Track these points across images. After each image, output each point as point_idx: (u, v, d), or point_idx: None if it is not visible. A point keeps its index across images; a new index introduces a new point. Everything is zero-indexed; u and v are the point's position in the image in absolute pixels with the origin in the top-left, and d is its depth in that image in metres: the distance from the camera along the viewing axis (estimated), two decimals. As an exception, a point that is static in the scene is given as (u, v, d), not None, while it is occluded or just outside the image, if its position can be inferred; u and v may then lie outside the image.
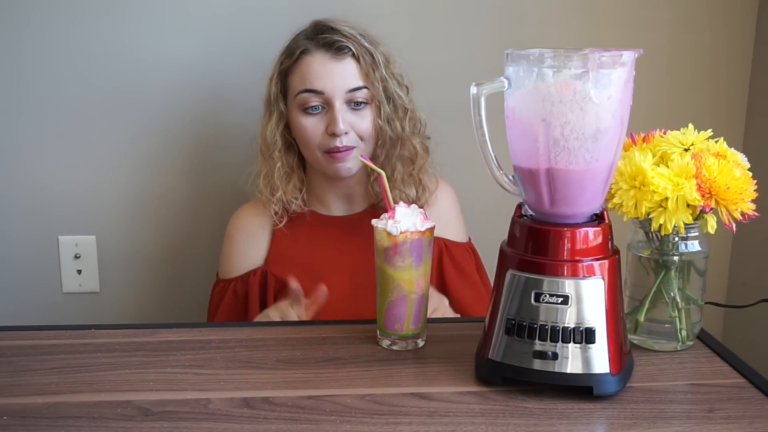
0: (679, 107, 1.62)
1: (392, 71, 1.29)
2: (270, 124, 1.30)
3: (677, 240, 0.93)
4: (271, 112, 1.31)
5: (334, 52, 1.25)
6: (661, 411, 0.81)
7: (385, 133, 1.28)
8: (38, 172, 1.57)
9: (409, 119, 1.30)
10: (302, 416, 0.80)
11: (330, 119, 1.25)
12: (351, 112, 1.26)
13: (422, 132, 1.34)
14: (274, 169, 1.31)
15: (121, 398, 0.84)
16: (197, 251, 1.61)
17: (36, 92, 1.53)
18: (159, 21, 1.52)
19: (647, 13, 1.57)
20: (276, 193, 1.31)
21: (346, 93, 1.25)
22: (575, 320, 0.82)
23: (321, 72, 1.25)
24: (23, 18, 1.49)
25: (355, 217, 1.35)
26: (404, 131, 1.29)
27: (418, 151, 1.32)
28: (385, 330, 0.97)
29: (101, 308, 1.64)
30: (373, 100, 1.27)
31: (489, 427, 0.78)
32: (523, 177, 0.85)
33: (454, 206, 1.40)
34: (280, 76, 1.30)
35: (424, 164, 1.33)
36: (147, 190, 1.60)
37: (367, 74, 1.26)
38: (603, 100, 0.80)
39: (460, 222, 1.40)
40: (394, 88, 1.28)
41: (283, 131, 1.31)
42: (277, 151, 1.30)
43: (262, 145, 1.32)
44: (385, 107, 1.27)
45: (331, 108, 1.25)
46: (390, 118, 1.28)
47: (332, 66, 1.25)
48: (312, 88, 1.25)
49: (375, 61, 1.26)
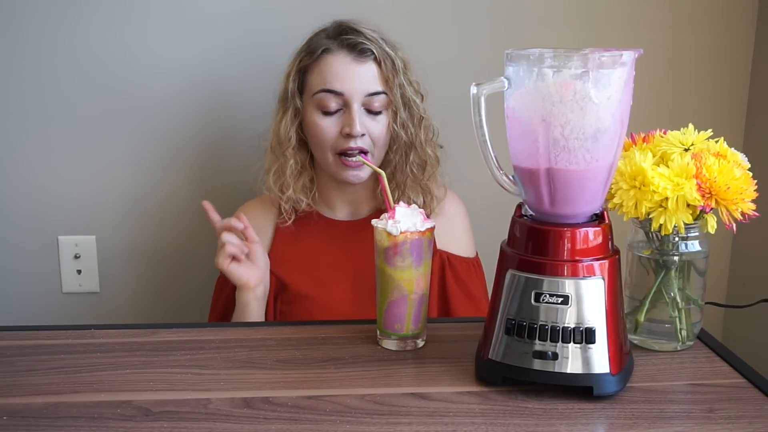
0: (679, 107, 1.62)
1: (410, 78, 1.29)
2: (285, 121, 1.29)
3: (677, 240, 0.93)
4: (286, 108, 1.30)
5: (357, 54, 1.25)
6: (661, 411, 0.81)
7: (399, 138, 1.28)
8: (38, 172, 1.57)
9: (424, 127, 1.30)
10: (302, 416, 0.80)
11: (346, 120, 1.24)
12: (367, 115, 1.26)
13: (435, 140, 1.34)
14: (286, 167, 1.30)
15: (121, 398, 0.84)
16: (197, 251, 1.61)
17: (36, 93, 1.53)
18: (160, 23, 1.52)
19: (647, 13, 1.57)
20: (286, 191, 1.30)
21: (365, 96, 1.25)
22: (575, 320, 0.82)
23: (342, 73, 1.24)
24: (23, 18, 1.49)
25: (360, 222, 1.34)
26: (418, 138, 1.29)
27: (430, 159, 1.31)
28: (385, 330, 0.97)
29: (101, 308, 1.64)
30: (390, 105, 1.26)
31: (489, 427, 0.78)
32: (523, 177, 0.85)
33: (462, 219, 1.38)
34: (298, 73, 1.29)
35: (434, 173, 1.33)
36: (147, 190, 1.60)
37: (387, 79, 1.26)
38: (603, 100, 0.80)
39: (468, 236, 1.38)
40: (410, 94, 1.28)
41: (297, 129, 1.30)
42: (290, 148, 1.30)
43: (274, 141, 1.31)
44: (401, 113, 1.27)
45: (348, 109, 1.24)
46: (405, 123, 1.27)
47: (354, 68, 1.24)
48: (332, 89, 1.24)
49: (395, 66, 1.26)
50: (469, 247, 1.37)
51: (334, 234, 1.33)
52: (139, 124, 1.56)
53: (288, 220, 1.32)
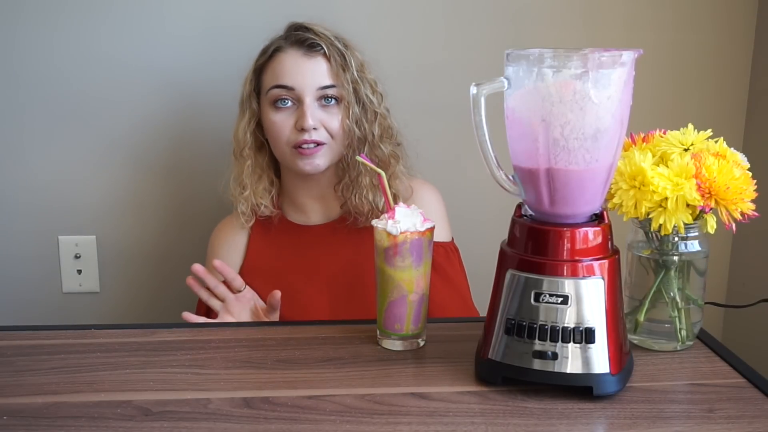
0: (679, 107, 1.62)
1: (365, 75, 1.30)
2: (242, 123, 1.31)
3: (677, 240, 0.93)
4: (244, 111, 1.32)
5: (306, 50, 1.26)
6: (661, 411, 0.81)
7: (353, 134, 1.28)
8: (38, 172, 1.57)
9: (379, 124, 1.30)
10: (302, 416, 0.80)
11: (299, 114, 1.25)
12: (321, 109, 1.27)
13: (394, 139, 1.34)
14: (243, 168, 1.32)
15: (121, 398, 0.84)
16: (197, 251, 1.61)
17: (37, 93, 1.53)
18: (160, 23, 1.52)
19: (647, 13, 1.57)
20: (244, 192, 1.31)
21: (317, 90, 1.26)
22: (575, 320, 0.82)
23: (293, 68, 1.26)
24: (21, 17, 1.49)
25: (331, 225, 1.34)
26: (373, 136, 1.29)
27: (387, 158, 1.31)
28: (385, 330, 0.97)
29: (101, 308, 1.64)
30: (343, 99, 1.27)
31: (489, 427, 0.78)
32: (523, 177, 0.85)
33: (436, 205, 1.37)
34: (254, 75, 1.31)
35: (394, 171, 1.32)
36: (147, 191, 1.60)
37: (337, 74, 1.26)
38: (603, 100, 0.80)
39: (442, 220, 1.37)
40: (365, 91, 1.28)
41: (255, 130, 1.31)
42: (247, 148, 1.31)
43: (234, 145, 1.33)
44: (354, 109, 1.27)
45: (301, 104, 1.26)
46: (359, 120, 1.28)
47: (303, 63, 1.26)
48: (283, 84, 1.25)
49: (346, 63, 1.27)
50: (444, 232, 1.36)
51: (306, 240, 1.34)
52: (139, 124, 1.56)
53: (246, 224, 1.33)
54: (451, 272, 1.32)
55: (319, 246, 1.33)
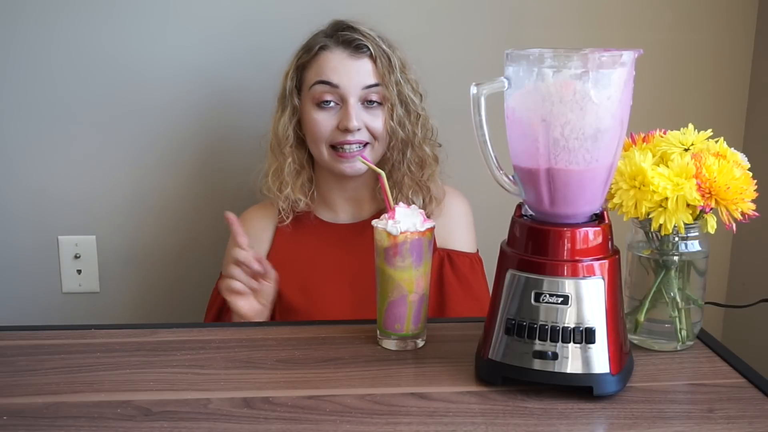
0: (679, 107, 1.62)
1: (408, 76, 1.30)
2: (283, 119, 1.30)
3: (677, 240, 0.93)
4: (285, 106, 1.30)
5: (353, 50, 1.26)
6: (661, 411, 0.81)
7: (396, 135, 1.28)
8: (39, 172, 1.57)
9: (422, 125, 1.30)
10: (302, 416, 0.80)
11: (343, 115, 1.25)
12: (364, 110, 1.26)
13: (434, 140, 1.34)
14: (284, 165, 1.30)
15: (121, 398, 0.84)
16: (197, 251, 1.61)
17: (37, 93, 1.53)
18: (161, 25, 1.52)
19: (647, 13, 1.57)
20: (284, 190, 1.30)
21: (362, 90, 1.25)
22: (575, 320, 0.82)
23: (338, 67, 1.25)
24: (23, 18, 1.49)
25: (360, 224, 1.34)
26: (416, 136, 1.29)
27: (428, 158, 1.31)
28: (385, 330, 0.97)
29: (101, 308, 1.64)
30: (387, 100, 1.27)
31: (489, 427, 0.78)
32: (523, 177, 0.85)
33: (465, 216, 1.38)
34: (296, 71, 1.30)
35: (433, 173, 1.32)
36: (147, 191, 1.59)
37: (383, 75, 1.26)
38: (603, 100, 0.80)
39: (469, 232, 1.37)
40: (408, 92, 1.28)
41: (296, 127, 1.31)
42: (288, 146, 1.30)
43: (273, 140, 1.32)
44: (398, 110, 1.27)
45: (345, 104, 1.25)
46: (402, 121, 1.28)
47: (350, 63, 1.25)
48: (328, 80, 1.25)
49: (391, 64, 1.27)
50: (470, 243, 1.37)
51: (333, 238, 1.33)
52: (139, 125, 1.56)
53: (285, 219, 1.32)
54: (474, 284, 1.32)
55: (345, 245, 1.32)
